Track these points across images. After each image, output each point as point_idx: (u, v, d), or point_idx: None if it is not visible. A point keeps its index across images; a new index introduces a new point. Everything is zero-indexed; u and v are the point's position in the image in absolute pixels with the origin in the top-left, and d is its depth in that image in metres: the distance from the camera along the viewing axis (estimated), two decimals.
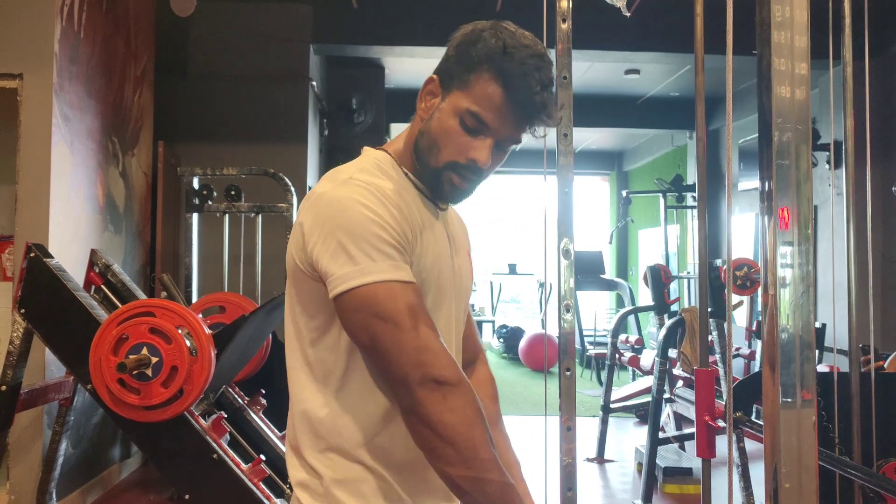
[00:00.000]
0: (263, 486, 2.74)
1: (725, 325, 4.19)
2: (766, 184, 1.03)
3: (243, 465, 2.72)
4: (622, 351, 6.18)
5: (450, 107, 1.10)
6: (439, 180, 1.12)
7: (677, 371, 5.00)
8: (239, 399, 3.45)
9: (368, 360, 1.05)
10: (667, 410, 5.32)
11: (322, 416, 1.07)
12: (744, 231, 7.71)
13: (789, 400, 0.97)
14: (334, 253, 1.00)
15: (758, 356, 5.92)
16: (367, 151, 1.18)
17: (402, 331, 0.97)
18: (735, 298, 4.47)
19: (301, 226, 1.05)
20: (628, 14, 1.87)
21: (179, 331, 2.51)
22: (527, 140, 1.15)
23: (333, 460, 1.07)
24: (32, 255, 2.82)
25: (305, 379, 1.09)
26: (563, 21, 1.83)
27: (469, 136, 1.09)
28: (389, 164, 1.15)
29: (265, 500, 2.64)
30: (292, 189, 4.45)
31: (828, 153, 5.28)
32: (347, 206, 1.02)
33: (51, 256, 2.88)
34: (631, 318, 8.24)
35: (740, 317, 6.38)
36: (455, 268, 1.19)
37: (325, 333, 1.07)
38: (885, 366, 3.36)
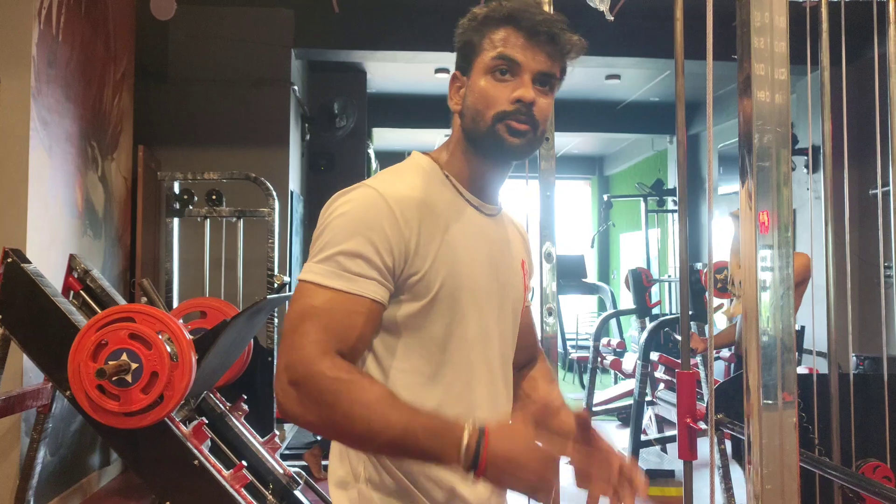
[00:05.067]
0: (245, 493, 2.72)
1: (707, 328, 4.23)
2: (748, 185, 1.04)
3: (225, 472, 2.69)
4: (604, 354, 6.20)
5: (477, 75, 1.13)
6: (495, 135, 1.12)
7: (659, 374, 5.03)
8: (220, 405, 3.42)
9: None
10: (649, 413, 5.35)
11: None
12: (724, 234, 7.77)
13: (771, 402, 0.98)
14: (312, 245, 1.09)
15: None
16: (415, 156, 1.21)
17: (291, 329, 1.02)
18: (715, 301, 4.50)
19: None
20: (611, 18, 1.88)
21: (160, 336, 2.49)
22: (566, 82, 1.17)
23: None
24: (10, 260, 2.78)
25: None
26: None
27: (505, 82, 1.11)
28: (429, 167, 1.17)
29: None
30: (274, 193, 4.43)
31: (806, 157, 5.34)
32: (338, 211, 1.07)
33: (28, 262, 2.84)
34: (613, 322, 8.27)
35: (721, 320, 6.42)
36: (500, 277, 1.18)
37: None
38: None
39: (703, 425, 1.94)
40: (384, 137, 9.47)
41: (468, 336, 1.11)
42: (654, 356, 4.84)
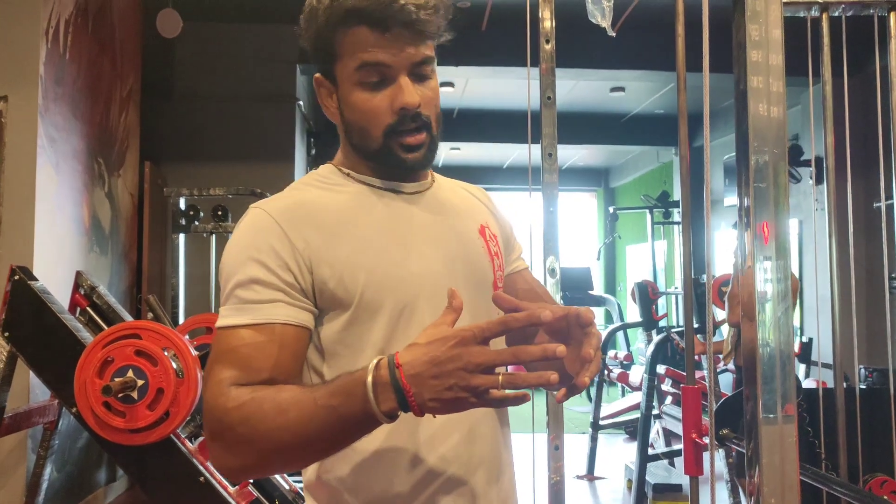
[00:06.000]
0: None
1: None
2: (745, 200, 1.04)
3: (230, 488, 2.69)
4: (611, 367, 6.19)
5: (345, 85, 1.00)
6: (391, 153, 1.00)
7: (665, 387, 5.01)
8: None
9: None
10: (656, 427, 5.32)
11: None
12: (730, 246, 7.76)
13: (771, 416, 0.97)
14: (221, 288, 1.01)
15: None
16: (318, 168, 1.12)
17: (203, 384, 0.94)
18: (720, 314, 4.49)
19: None
20: (613, 34, 1.89)
21: (165, 353, 2.50)
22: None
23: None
24: (17, 277, 2.80)
25: None
26: (547, 42, 1.85)
27: (380, 91, 0.98)
28: (327, 171, 1.09)
29: None
30: None
31: (811, 168, 5.33)
32: (228, 244, 1.00)
33: (35, 279, 2.86)
34: (620, 334, 8.25)
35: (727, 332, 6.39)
36: (448, 254, 1.04)
37: None
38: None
39: (708, 440, 1.93)
40: None
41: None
42: (660, 369, 4.82)
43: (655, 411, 4.77)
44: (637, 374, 5.74)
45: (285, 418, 0.85)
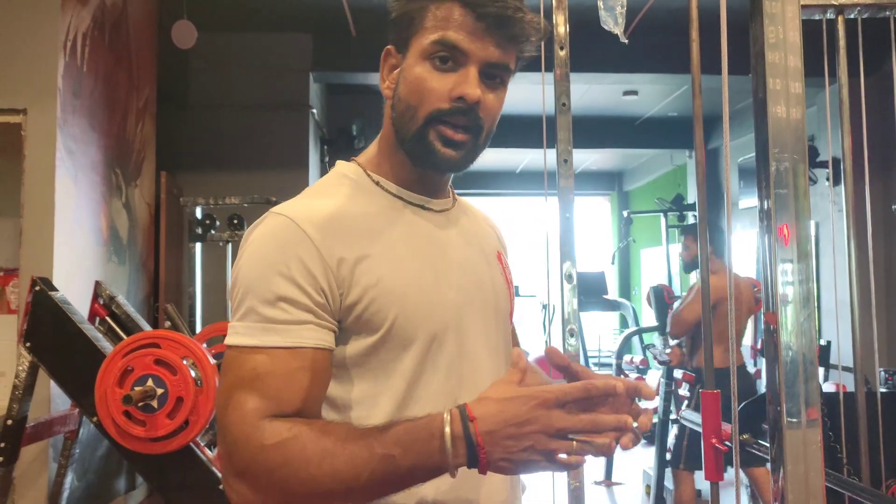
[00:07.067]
0: None
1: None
2: (766, 203, 1.04)
3: None
4: (627, 372, 6.15)
5: (414, 57, 0.95)
6: (425, 142, 0.94)
7: (683, 391, 4.98)
8: None
9: None
10: (674, 431, 5.29)
11: None
12: (746, 249, 7.71)
13: (794, 420, 0.97)
14: (231, 298, 0.92)
15: (763, 375, 5.89)
16: (337, 165, 1.05)
17: (222, 409, 0.85)
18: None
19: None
20: (626, 41, 1.89)
21: (184, 361, 2.51)
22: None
23: None
24: (37, 288, 2.83)
25: None
26: (561, 49, 1.85)
27: (446, 72, 0.93)
28: (355, 175, 1.01)
29: None
30: None
31: (827, 170, 5.29)
32: (246, 253, 0.91)
33: (55, 290, 2.89)
34: (635, 339, 8.21)
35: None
36: (474, 280, 1.01)
37: None
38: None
39: (729, 445, 1.91)
40: None
41: (452, 364, 0.94)
42: (677, 374, 4.79)
43: (673, 416, 4.74)
44: (653, 378, 5.71)
45: (332, 465, 0.79)
